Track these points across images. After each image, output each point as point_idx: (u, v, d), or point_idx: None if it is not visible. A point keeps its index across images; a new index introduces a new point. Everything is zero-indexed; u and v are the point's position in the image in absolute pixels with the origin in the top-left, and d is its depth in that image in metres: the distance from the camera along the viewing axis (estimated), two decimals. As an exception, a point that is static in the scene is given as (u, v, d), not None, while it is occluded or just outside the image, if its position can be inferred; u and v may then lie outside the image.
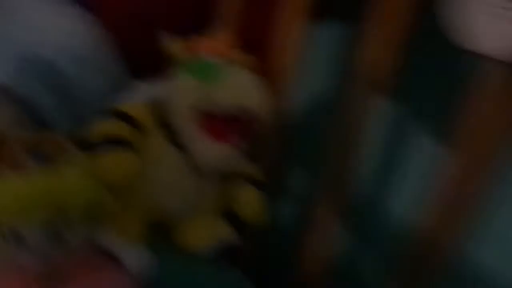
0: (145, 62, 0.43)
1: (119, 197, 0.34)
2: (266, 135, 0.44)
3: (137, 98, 0.40)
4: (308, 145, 0.49)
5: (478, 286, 0.33)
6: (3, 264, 0.25)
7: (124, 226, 0.35)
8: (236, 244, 0.45)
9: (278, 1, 0.41)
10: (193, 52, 0.40)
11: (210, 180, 0.42)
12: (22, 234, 0.24)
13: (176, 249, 0.39)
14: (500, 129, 0.28)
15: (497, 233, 0.31)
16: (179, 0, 0.46)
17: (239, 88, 0.36)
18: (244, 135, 0.39)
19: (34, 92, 0.37)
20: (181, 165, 0.40)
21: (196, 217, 0.43)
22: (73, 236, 0.27)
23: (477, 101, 0.28)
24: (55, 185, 0.24)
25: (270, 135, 0.45)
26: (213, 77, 0.36)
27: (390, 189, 0.41)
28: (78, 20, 0.41)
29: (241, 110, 0.36)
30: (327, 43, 0.44)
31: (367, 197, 0.43)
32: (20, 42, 0.38)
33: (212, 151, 0.38)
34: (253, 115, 0.37)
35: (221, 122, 0.36)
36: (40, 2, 0.40)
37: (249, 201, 0.42)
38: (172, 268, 0.37)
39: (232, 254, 0.46)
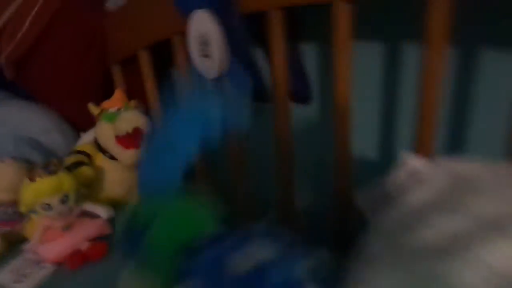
0: (83, 120, 0.78)
1: (89, 188, 0.68)
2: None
3: (84, 140, 0.75)
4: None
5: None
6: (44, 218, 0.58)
7: (95, 201, 0.69)
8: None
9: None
10: (104, 109, 0.75)
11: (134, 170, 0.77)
12: (51, 205, 0.57)
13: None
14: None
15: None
16: (90, 83, 0.82)
17: (131, 118, 0.71)
18: (141, 141, 0.74)
19: (29, 155, 0.70)
20: (116, 167, 0.74)
21: (135, 194, 0.78)
22: (72, 205, 0.60)
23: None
24: (61, 183, 0.58)
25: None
26: (116, 118, 0.71)
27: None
28: (40, 112, 0.76)
29: (135, 129, 0.72)
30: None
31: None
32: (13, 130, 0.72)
33: (127, 155, 0.73)
34: (143, 130, 0.73)
35: (127, 138, 0.71)
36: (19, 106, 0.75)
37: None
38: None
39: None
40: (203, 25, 0.57)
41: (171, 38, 0.67)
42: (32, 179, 0.57)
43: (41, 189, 0.57)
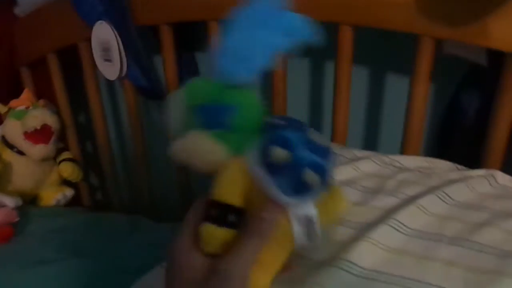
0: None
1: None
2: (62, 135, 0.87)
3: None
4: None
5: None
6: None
7: (4, 193, 0.73)
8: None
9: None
10: (12, 107, 0.80)
11: (46, 165, 0.83)
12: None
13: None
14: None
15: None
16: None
17: (39, 116, 0.77)
18: (51, 137, 0.80)
19: None
20: (25, 161, 0.79)
21: (45, 187, 0.84)
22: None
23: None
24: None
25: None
26: (24, 115, 0.77)
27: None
28: None
29: (44, 125, 0.78)
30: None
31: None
32: None
33: (36, 150, 0.79)
34: (51, 126, 0.79)
35: (35, 134, 0.77)
36: None
37: (67, 170, 0.84)
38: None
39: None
40: (104, 34, 0.67)
41: (77, 43, 0.75)
42: None
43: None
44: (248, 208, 0.28)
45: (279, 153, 0.26)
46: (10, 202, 0.70)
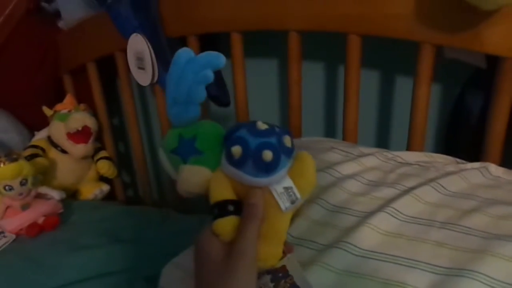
0: (36, 121, 0.91)
1: (44, 176, 0.82)
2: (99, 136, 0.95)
3: (38, 137, 0.89)
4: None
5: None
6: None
7: (50, 186, 0.82)
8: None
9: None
10: (57, 111, 0.89)
11: (85, 163, 0.92)
12: (13, 186, 0.71)
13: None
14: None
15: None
16: (44, 89, 0.95)
17: (80, 118, 0.86)
18: (90, 137, 0.89)
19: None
20: (67, 159, 0.89)
21: (84, 182, 0.93)
22: (30, 187, 0.74)
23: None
24: (21, 168, 0.72)
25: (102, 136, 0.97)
26: (67, 118, 0.86)
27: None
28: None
29: (84, 127, 0.87)
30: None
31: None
32: None
33: (77, 149, 0.88)
34: (90, 128, 0.88)
35: (77, 135, 0.86)
36: None
37: (104, 167, 0.93)
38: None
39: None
40: (138, 44, 0.75)
41: (114, 53, 0.84)
42: (-4, 165, 0.70)
43: (4, 173, 0.70)
44: (242, 199, 0.36)
45: (236, 150, 0.35)
46: (56, 195, 0.78)
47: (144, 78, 0.78)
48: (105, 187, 0.94)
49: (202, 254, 0.35)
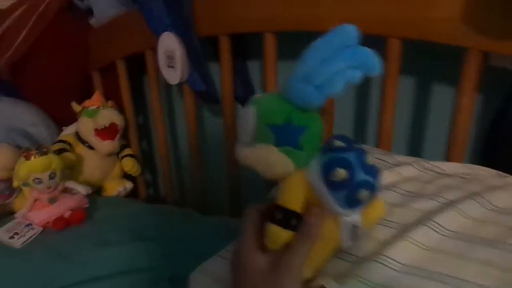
0: (64, 117, 0.92)
1: (71, 171, 0.83)
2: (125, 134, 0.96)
3: (66, 132, 0.90)
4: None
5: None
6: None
7: (76, 181, 0.83)
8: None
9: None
10: (85, 107, 0.90)
11: (111, 159, 0.92)
12: (42, 179, 0.72)
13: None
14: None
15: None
16: (73, 86, 0.96)
17: (108, 115, 0.87)
18: (117, 134, 0.90)
19: (19, 142, 0.84)
20: (94, 155, 0.89)
21: (108, 179, 0.93)
22: (58, 181, 0.75)
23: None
24: (50, 162, 0.72)
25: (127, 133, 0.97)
26: (95, 114, 0.87)
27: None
28: (29, 108, 0.90)
29: (112, 123, 0.87)
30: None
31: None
32: (5, 121, 0.86)
33: (104, 145, 0.88)
34: (118, 125, 0.88)
35: (104, 131, 0.87)
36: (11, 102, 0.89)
37: (129, 164, 0.93)
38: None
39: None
40: (169, 43, 0.75)
41: (144, 51, 0.84)
42: (27, 158, 0.71)
43: (34, 166, 0.71)
44: (305, 213, 0.34)
45: (340, 173, 0.31)
46: (82, 190, 0.79)
47: (173, 76, 0.77)
48: (129, 185, 0.95)
49: (242, 265, 0.34)
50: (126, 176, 0.96)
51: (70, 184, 0.79)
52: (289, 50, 0.76)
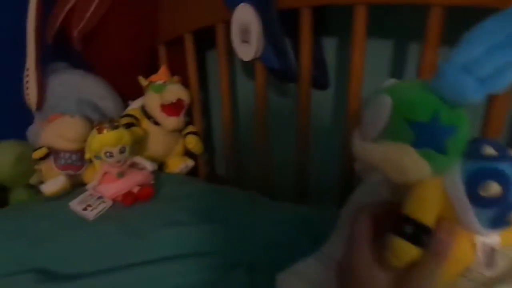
0: (130, 91, 0.91)
1: (137, 146, 0.82)
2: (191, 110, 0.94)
3: (133, 106, 0.89)
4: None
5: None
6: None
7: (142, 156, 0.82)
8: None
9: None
10: (152, 81, 0.88)
11: (174, 136, 0.91)
12: (113, 153, 0.71)
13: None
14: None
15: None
16: (140, 59, 0.95)
17: (175, 91, 0.85)
18: (182, 110, 0.87)
19: (89, 114, 0.85)
20: (159, 131, 0.88)
21: (171, 155, 0.92)
22: (127, 156, 0.74)
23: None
24: (121, 136, 0.71)
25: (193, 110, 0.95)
26: (162, 89, 0.85)
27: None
28: (97, 80, 0.90)
29: (178, 99, 0.85)
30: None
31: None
32: (76, 93, 0.86)
33: (169, 121, 0.86)
34: (184, 101, 0.86)
35: (170, 107, 0.85)
36: (81, 74, 0.89)
37: (192, 142, 0.91)
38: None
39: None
40: (245, 16, 0.70)
41: (215, 24, 0.80)
42: (100, 131, 0.71)
43: (107, 139, 0.71)
44: (437, 229, 0.29)
45: (493, 187, 0.26)
46: (149, 165, 0.78)
47: (247, 52, 0.73)
48: (190, 162, 0.93)
49: (359, 281, 0.31)
50: (187, 153, 0.95)
51: (137, 159, 0.78)
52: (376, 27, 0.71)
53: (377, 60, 0.73)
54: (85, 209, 0.68)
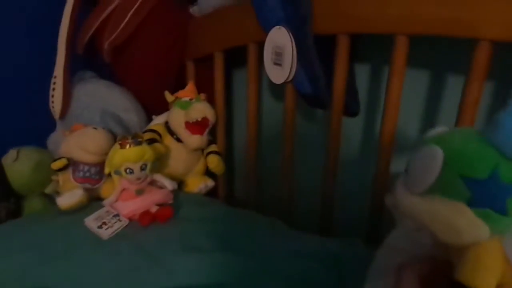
0: (155, 105, 0.90)
1: (159, 161, 0.79)
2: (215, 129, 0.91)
3: (156, 121, 0.87)
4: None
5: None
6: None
7: (161, 174, 0.80)
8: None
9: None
10: (178, 97, 0.87)
11: (196, 154, 0.89)
12: (133, 170, 0.69)
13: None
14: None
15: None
16: (168, 74, 0.94)
17: (202, 108, 0.83)
18: (206, 129, 0.85)
19: (111, 126, 0.83)
20: (181, 148, 0.86)
21: (191, 174, 0.89)
22: (148, 173, 0.72)
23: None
24: (144, 153, 0.69)
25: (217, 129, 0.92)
26: (188, 106, 0.83)
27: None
28: (122, 92, 0.89)
29: (204, 118, 0.83)
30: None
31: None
32: (101, 104, 0.85)
33: (193, 139, 0.84)
34: (209, 119, 0.84)
35: (195, 125, 0.82)
36: (106, 84, 0.88)
37: (214, 162, 0.88)
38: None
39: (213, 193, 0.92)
40: (280, 38, 0.68)
41: (247, 44, 0.78)
42: (122, 146, 0.68)
43: (129, 155, 0.68)
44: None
45: None
46: (169, 184, 0.75)
47: (278, 75, 0.71)
48: (210, 183, 0.90)
49: None
50: (206, 172, 0.92)
51: (157, 177, 0.75)
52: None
53: (412, 90, 0.70)
54: (100, 226, 0.65)
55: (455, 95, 0.68)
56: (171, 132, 0.85)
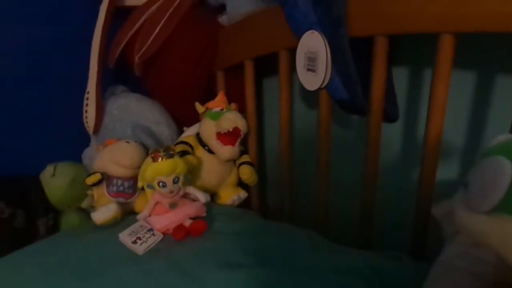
0: (186, 117, 0.89)
1: (191, 174, 0.78)
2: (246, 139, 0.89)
3: (188, 133, 0.86)
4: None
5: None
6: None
7: (194, 186, 0.78)
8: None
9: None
10: (208, 108, 0.85)
11: (228, 165, 0.87)
12: (166, 183, 0.68)
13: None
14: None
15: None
16: (198, 85, 0.93)
17: (233, 119, 0.81)
18: (238, 139, 0.83)
19: (143, 139, 0.83)
20: (213, 159, 0.84)
21: (224, 186, 0.87)
22: (180, 186, 0.71)
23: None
24: (176, 166, 0.68)
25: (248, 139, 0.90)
26: (219, 117, 0.81)
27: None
28: (153, 105, 0.89)
29: (235, 128, 0.81)
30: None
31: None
32: (132, 117, 0.85)
33: (225, 150, 0.82)
34: (241, 130, 0.82)
35: (226, 136, 0.81)
36: (137, 98, 0.88)
37: (247, 173, 0.86)
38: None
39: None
40: (313, 43, 0.66)
41: (278, 51, 0.76)
42: (155, 160, 0.68)
43: (161, 168, 0.68)
44: None
45: None
46: (202, 197, 0.74)
47: (312, 81, 0.68)
48: (243, 194, 0.88)
49: None
50: (239, 183, 0.90)
51: (190, 189, 0.74)
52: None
53: (457, 93, 0.65)
54: (134, 242, 0.65)
55: (507, 97, 0.63)
56: (203, 144, 0.84)
